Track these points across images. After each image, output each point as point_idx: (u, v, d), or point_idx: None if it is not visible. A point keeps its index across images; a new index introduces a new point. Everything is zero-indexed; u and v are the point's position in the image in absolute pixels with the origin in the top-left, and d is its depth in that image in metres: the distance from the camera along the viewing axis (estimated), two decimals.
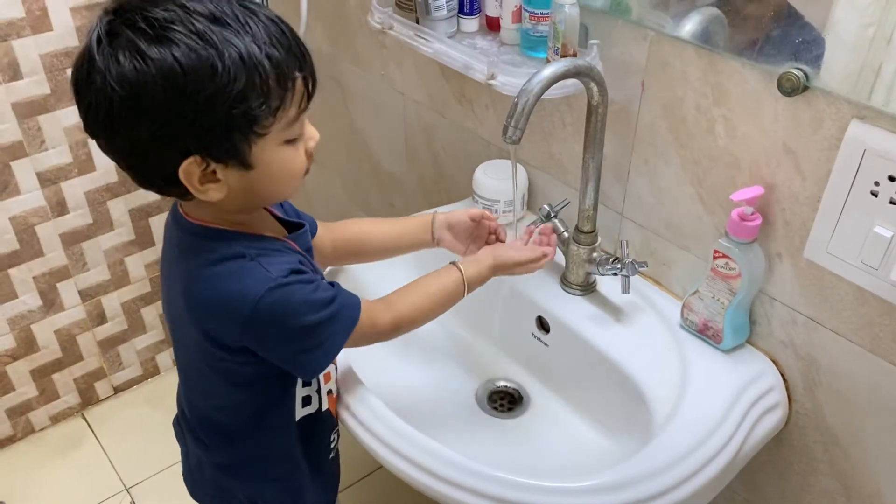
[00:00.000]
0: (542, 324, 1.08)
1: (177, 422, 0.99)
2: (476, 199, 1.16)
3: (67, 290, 1.65)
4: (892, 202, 0.74)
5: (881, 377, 0.84)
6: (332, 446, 0.98)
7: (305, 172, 0.77)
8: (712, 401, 0.88)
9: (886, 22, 0.69)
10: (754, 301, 0.93)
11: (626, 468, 0.81)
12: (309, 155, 0.77)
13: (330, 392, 0.93)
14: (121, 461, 1.72)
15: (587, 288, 1.06)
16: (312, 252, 0.87)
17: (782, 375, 0.94)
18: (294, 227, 0.85)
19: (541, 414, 1.08)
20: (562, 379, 1.08)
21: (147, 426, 1.77)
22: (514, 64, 0.99)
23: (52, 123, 1.48)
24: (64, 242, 1.60)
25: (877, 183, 0.74)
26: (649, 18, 0.89)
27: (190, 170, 0.70)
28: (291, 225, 0.86)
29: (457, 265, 0.92)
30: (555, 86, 0.83)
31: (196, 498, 1.01)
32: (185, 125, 0.66)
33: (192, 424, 0.93)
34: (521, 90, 0.82)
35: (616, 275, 0.99)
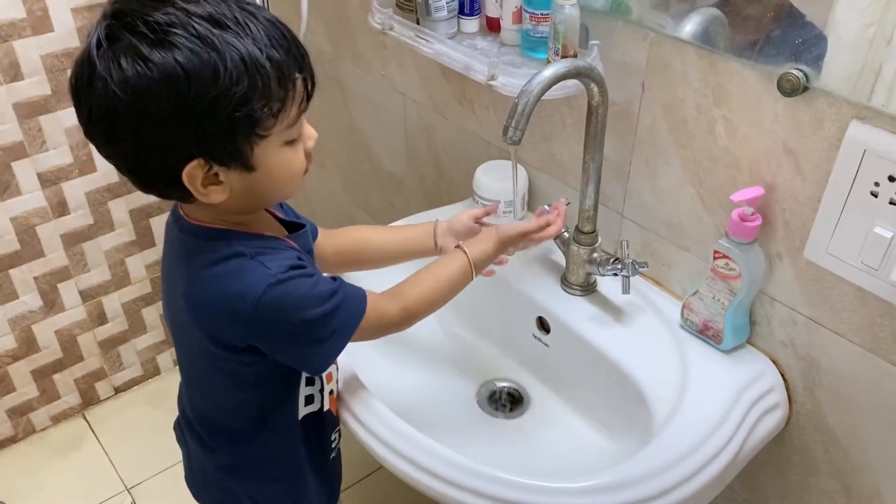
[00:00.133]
0: (543, 324, 1.08)
1: (177, 425, 0.99)
2: (476, 200, 1.16)
3: (68, 291, 1.66)
4: (892, 202, 0.74)
5: (881, 377, 0.84)
6: (334, 446, 0.98)
7: (305, 172, 0.77)
8: (712, 401, 0.89)
9: (887, 22, 0.69)
10: (754, 301, 0.93)
11: (627, 468, 0.81)
12: (308, 155, 0.77)
13: (331, 392, 0.93)
14: (121, 461, 1.72)
15: (587, 288, 1.06)
16: (313, 254, 0.87)
17: (782, 376, 0.94)
18: (294, 228, 0.85)
19: (541, 414, 1.08)
20: (562, 379, 1.08)
21: (148, 426, 1.77)
22: (515, 65, 0.99)
23: (53, 124, 1.48)
24: (65, 243, 1.60)
25: (877, 183, 0.74)
26: (650, 19, 0.89)
27: (193, 173, 0.70)
28: (292, 226, 0.86)
29: (462, 248, 0.92)
30: (555, 86, 0.83)
31: (199, 500, 1.01)
32: (189, 129, 0.66)
33: (195, 426, 0.93)
34: (522, 91, 0.82)
35: (616, 275, 0.99)
